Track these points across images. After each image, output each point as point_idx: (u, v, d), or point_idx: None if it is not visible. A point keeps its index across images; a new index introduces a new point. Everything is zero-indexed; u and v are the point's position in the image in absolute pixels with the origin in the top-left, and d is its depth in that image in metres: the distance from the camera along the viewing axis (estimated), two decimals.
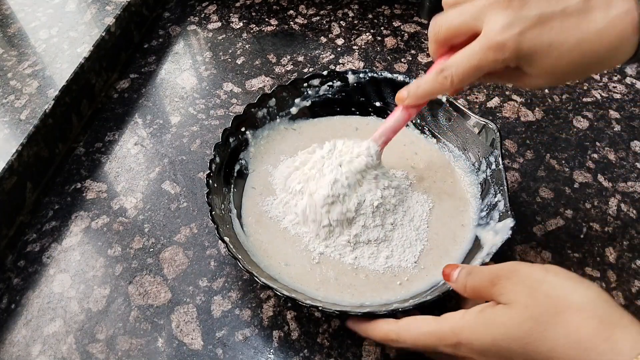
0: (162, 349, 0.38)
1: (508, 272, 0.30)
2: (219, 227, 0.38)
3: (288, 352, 0.38)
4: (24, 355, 0.38)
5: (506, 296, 0.29)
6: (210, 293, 0.41)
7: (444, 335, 0.30)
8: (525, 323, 0.27)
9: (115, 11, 0.61)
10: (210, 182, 0.41)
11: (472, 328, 0.29)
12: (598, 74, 0.59)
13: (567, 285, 0.28)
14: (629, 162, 0.50)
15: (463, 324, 0.30)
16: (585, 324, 0.26)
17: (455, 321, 0.30)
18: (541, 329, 0.27)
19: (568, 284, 0.28)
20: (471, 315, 0.30)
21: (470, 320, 0.30)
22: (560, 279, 0.29)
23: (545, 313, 0.27)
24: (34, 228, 0.46)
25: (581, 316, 0.26)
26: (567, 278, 0.29)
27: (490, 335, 0.28)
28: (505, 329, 0.28)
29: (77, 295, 0.42)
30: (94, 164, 0.52)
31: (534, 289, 0.28)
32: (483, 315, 0.29)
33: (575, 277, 0.29)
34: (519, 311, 0.28)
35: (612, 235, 0.44)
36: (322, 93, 0.51)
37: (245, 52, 0.64)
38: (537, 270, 0.30)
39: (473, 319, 0.29)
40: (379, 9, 0.69)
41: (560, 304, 0.27)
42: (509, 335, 0.28)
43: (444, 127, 0.48)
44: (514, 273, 0.30)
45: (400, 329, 0.32)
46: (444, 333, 0.30)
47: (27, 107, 0.50)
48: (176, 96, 0.58)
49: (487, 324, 0.29)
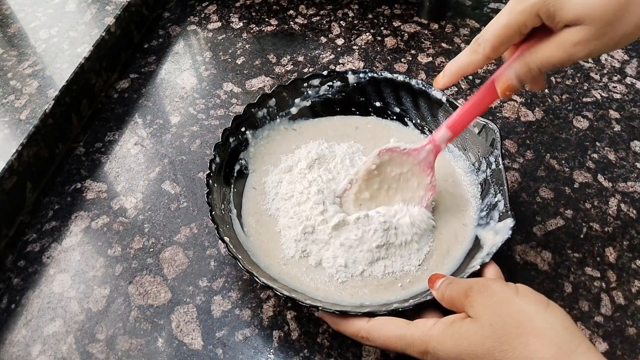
0: (162, 349, 0.38)
1: (481, 287, 0.31)
2: (219, 227, 0.38)
3: (288, 352, 0.38)
4: (24, 355, 0.38)
5: (475, 309, 0.30)
6: (210, 293, 0.41)
7: (412, 342, 0.31)
8: (488, 341, 0.28)
9: (115, 11, 0.61)
10: (210, 182, 0.41)
11: (440, 339, 0.30)
12: (598, 74, 0.59)
13: (532, 310, 0.29)
14: (629, 162, 0.50)
15: (432, 333, 0.31)
16: (544, 349, 0.27)
17: (426, 329, 0.31)
18: (502, 348, 0.28)
19: (533, 308, 0.29)
20: (441, 326, 0.31)
21: (440, 330, 0.31)
22: (527, 302, 0.29)
23: (507, 334, 0.28)
24: (34, 228, 0.46)
25: (541, 341, 0.27)
26: (534, 302, 0.29)
27: (456, 348, 0.29)
28: (469, 344, 0.29)
29: (77, 295, 0.42)
30: (94, 164, 0.52)
31: (500, 308, 0.29)
32: (451, 328, 0.30)
33: (542, 302, 0.29)
34: (484, 328, 0.29)
35: (612, 235, 0.44)
36: (322, 93, 0.51)
37: (245, 52, 0.64)
38: (508, 289, 0.30)
39: (442, 329, 0.31)
40: (379, 9, 0.69)
41: (523, 327, 0.28)
42: (472, 351, 0.29)
43: None
44: (486, 288, 0.31)
45: (372, 328, 0.33)
46: (413, 340, 0.31)
47: (27, 107, 0.50)
48: (176, 96, 0.58)
49: (454, 337, 0.30)
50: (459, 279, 0.34)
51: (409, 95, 0.49)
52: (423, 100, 0.49)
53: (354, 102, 0.51)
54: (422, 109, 0.49)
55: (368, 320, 0.34)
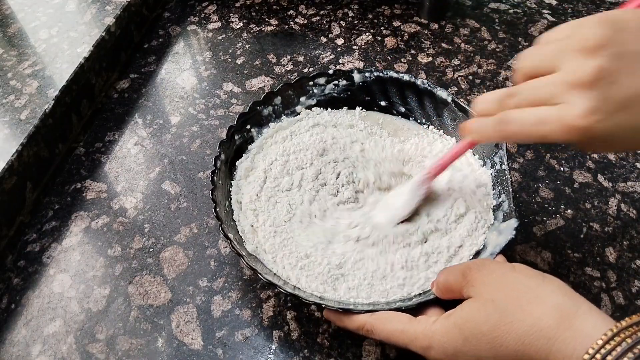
0: (162, 349, 0.38)
1: (478, 266, 0.32)
2: (223, 224, 0.38)
3: (288, 352, 0.38)
4: (24, 355, 0.38)
5: (475, 288, 0.31)
6: (210, 293, 0.41)
7: (415, 337, 0.32)
8: (492, 316, 0.29)
9: (115, 11, 0.61)
10: (215, 179, 0.41)
11: (443, 331, 0.30)
12: None
13: (532, 281, 0.30)
14: (629, 162, 0.50)
15: (435, 328, 0.31)
16: (548, 315, 0.27)
17: (428, 325, 0.31)
18: (508, 320, 0.28)
19: (532, 279, 0.30)
20: (442, 321, 0.31)
21: (442, 324, 0.31)
22: (525, 275, 0.30)
23: (510, 306, 0.28)
24: (34, 228, 0.46)
25: (543, 308, 0.28)
26: (531, 275, 0.30)
27: (462, 333, 0.29)
28: (475, 324, 0.29)
29: (77, 295, 0.42)
30: (94, 164, 0.52)
31: (500, 283, 0.30)
32: (452, 318, 0.31)
33: (538, 275, 0.30)
34: (487, 305, 0.29)
35: (612, 235, 0.44)
36: (328, 92, 0.51)
37: (245, 52, 0.64)
38: (505, 266, 0.32)
39: (443, 322, 0.31)
40: (379, 9, 0.69)
41: (525, 297, 0.29)
42: (479, 331, 0.29)
43: (448, 128, 0.48)
44: (484, 266, 0.32)
45: (375, 322, 0.34)
46: (416, 335, 0.32)
47: (27, 107, 0.50)
48: (176, 96, 0.58)
49: (457, 322, 0.30)
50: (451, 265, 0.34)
51: (414, 94, 0.49)
52: (428, 99, 0.48)
53: (359, 101, 0.51)
54: (428, 109, 0.49)
55: (372, 314, 0.34)
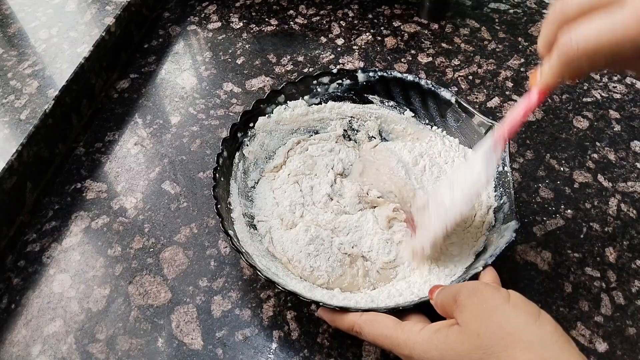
0: (162, 349, 0.38)
1: (470, 291, 0.30)
2: (224, 221, 0.38)
3: (288, 352, 0.38)
4: (24, 355, 0.38)
5: (464, 316, 0.29)
6: (210, 293, 0.41)
7: (398, 345, 0.31)
8: (475, 352, 0.28)
9: (115, 11, 0.61)
10: (217, 176, 0.41)
11: (425, 347, 0.30)
12: (598, 74, 0.59)
13: (522, 321, 0.28)
14: (629, 162, 0.50)
15: (418, 339, 0.30)
16: None
17: (412, 334, 0.31)
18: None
19: (523, 319, 0.28)
20: (427, 333, 0.30)
21: (424, 338, 0.30)
22: (517, 312, 0.28)
23: (495, 345, 0.27)
24: (34, 228, 0.46)
25: (528, 356, 0.26)
26: (525, 312, 0.28)
27: (441, 357, 0.29)
28: (456, 354, 0.28)
29: (77, 295, 0.42)
30: (94, 164, 0.52)
31: (489, 318, 0.28)
32: (437, 336, 0.30)
33: (533, 313, 0.28)
34: (471, 338, 0.28)
35: (612, 235, 0.44)
36: (332, 91, 0.51)
37: (245, 52, 0.64)
38: (499, 295, 0.30)
39: (427, 337, 0.30)
40: (379, 9, 0.69)
41: (511, 339, 0.27)
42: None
43: (452, 128, 0.48)
44: (476, 293, 0.30)
45: (363, 323, 0.33)
46: (399, 342, 0.31)
47: (27, 107, 0.50)
48: (176, 96, 0.58)
49: (439, 346, 0.29)
50: (449, 285, 0.34)
51: (418, 95, 0.49)
52: (432, 100, 0.48)
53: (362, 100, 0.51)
54: (431, 109, 0.49)
55: (361, 315, 0.34)
